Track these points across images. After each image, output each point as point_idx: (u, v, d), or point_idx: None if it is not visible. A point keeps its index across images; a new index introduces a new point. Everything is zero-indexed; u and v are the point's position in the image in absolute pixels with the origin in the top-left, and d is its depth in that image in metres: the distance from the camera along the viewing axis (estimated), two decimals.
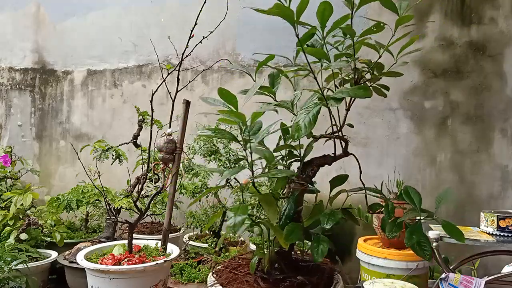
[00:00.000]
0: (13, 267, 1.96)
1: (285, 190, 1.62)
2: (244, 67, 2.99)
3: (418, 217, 1.42)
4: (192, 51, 1.84)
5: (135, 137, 2.54)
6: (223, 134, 1.39)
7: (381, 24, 1.30)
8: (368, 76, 1.43)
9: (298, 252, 1.71)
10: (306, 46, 1.43)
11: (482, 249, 2.08)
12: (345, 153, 1.50)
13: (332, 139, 1.49)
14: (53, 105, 3.51)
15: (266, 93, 1.49)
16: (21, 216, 2.37)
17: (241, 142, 1.36)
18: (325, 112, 1.39)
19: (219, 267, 1.64)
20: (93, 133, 3.41)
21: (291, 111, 1.49)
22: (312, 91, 1.44)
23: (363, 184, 1.51)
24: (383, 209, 1.60)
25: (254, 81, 1.56)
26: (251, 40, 3.05)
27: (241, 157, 1.52)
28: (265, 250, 1.52)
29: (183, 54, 1.85)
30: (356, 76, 1.42)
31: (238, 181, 2.18)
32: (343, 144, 1.49)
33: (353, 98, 1.42)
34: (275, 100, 1.54)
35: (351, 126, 1.59)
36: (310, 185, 1.55)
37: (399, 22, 1.29)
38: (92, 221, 2.89)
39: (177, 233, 2.69)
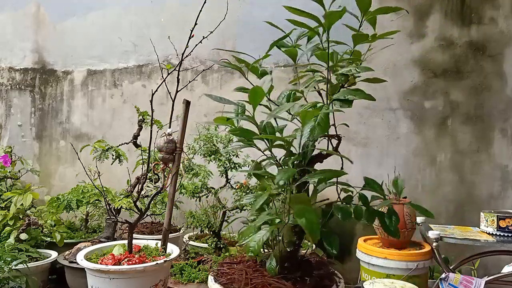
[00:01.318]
0: (13, 267, 1.96)
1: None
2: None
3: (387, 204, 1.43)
4: (192, 51, 1.84)
5: (135, 137, 2.54)
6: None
7: (376, 35, 1.34)
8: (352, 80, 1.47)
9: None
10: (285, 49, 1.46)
11: (482, 249, 2.09)
12: (336, 150, 1.53)
13: (327, 138, 1.53)
14: (53, 105, 3.51)
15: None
16: (21, 216, 2.37)
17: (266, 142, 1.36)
18: None
19: (213, 273, 1.55)
20: (93, 133, 3.41)
21: (288, 112, 1.51)
22: (297, 91, 1.46)
23: (336, 180, 1.53)
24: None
25: (247, 79, 1.59)
26: (251, 40, 3.05)
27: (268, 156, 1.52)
28: (272, 250, 1.52)
29: (183, 54, 1.84)
30: (343, 79, 1.46)
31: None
32: (335, 142, 1.52)
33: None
34: (269, 99, 1.56)
35: (346, 125, 1.62)
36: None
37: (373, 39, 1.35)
38: (92, 221, 2.89)
39: (177, 233, 2.69)
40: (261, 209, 1.44)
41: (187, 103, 1.99)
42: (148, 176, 2.30)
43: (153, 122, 1.94)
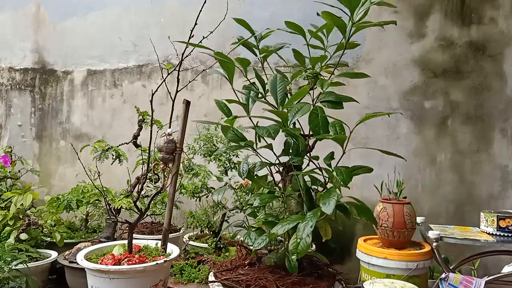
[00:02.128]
0: (13, 267, 1.96)
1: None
2: None
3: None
4: (192, 51, 1.84)
5: (135, 137, 2.54)
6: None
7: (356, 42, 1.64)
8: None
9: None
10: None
11: (482, 249, 2.08)
12: (312, 148, 1.68)
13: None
14: (53, 105, 3.51)
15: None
16: (21, 216, 2.37)
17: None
18: None
19: (224, 282, 1.50)
20: (93, 133, 3.41)
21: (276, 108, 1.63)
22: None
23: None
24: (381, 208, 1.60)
25: (247, 78, 1.63)
26: (251, 40, 3.04)
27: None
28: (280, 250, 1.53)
29: (183, 54, 1.84)
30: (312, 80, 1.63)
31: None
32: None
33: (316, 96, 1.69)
34: (260, 93, 1.63)
35: None
36: None
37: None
38: (92, 221, 2.89)
39: (177, 233, 2.69)
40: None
41: (187, 103, 1.99)
42: (148, 176, 2.30)
43: (153, 122, 1.94)
